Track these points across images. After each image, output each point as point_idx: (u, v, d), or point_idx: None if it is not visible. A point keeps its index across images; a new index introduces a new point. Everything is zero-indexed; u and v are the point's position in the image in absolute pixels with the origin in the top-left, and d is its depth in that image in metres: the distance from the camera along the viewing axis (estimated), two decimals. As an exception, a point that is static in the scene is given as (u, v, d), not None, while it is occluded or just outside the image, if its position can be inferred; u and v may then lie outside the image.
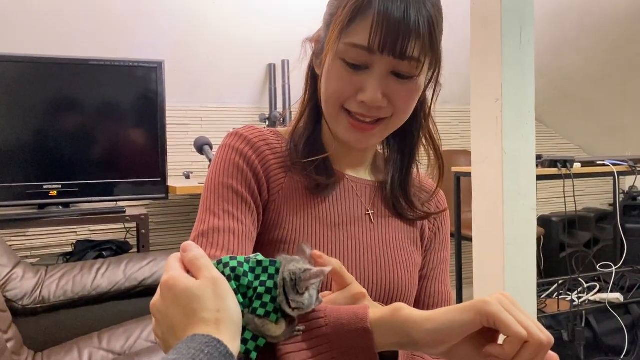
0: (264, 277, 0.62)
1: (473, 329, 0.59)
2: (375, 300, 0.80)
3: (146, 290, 1.98)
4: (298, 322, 0.63)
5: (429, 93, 0.84)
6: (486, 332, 0.60)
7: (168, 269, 0.60)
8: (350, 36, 0.74)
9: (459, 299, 2.84)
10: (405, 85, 0.77)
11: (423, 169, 0.92)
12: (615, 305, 2.49)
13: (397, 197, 0.88)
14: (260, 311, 0.61)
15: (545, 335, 0.57)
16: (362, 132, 0.79)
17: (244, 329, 0.60)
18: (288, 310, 0.61)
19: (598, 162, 2.57)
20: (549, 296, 2.64)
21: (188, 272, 0.60)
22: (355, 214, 0.85)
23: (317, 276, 0.62)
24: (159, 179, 2.43)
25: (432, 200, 0.92)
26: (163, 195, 2.45)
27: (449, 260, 0.96)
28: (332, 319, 0.63)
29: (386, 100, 0.77)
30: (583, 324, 2.43)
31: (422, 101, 0.85)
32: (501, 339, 0.60)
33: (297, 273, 0.62)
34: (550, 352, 0.59)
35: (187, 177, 2.79)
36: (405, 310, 0.62)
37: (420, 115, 0.87)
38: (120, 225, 2.69)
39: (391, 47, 0.72)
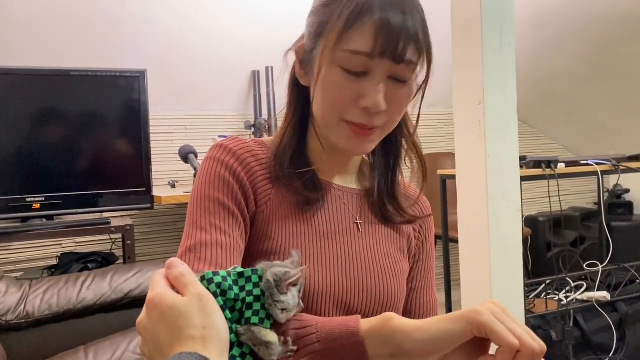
0: (249, 287, 0.63)
1: (465, 339, 0.59)
2: (364, 308, 0.81)
3: (132, 302, 1.96)
4: (292, 341, 0.64)
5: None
6: (477, 341, 0.60)
7: (153, 286, 0.59)
8: (349, 43, 0.73)
9: (448, 302, 2.84)
10: (401, 89, 0.77)
11: (407, 176, 0.92)
12: (603, 304, 2.50)
13: (384, 202, 0.89)
14: (255, 319, 0.61)
15: (537, 344, 0.58)
16: (363, 137, 0.78)
17: (232, 345, 0.60)
18: (277, 313, 0.62)
19: (582, 162, 2.58)
20: (537, 296, 2.65)
21: (174, 288, 0.59)
22: (344, 223, 0.85)
23: (296, 275, 0.64)
24: (144, 189, 2.41)
25: (416, 206, 0.94)
26: (148, 205, 2.43)
27: (435, 267, 0.97)
28: (324, 334, 0.63)
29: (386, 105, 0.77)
30: (571, 323, 2.44)
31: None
32: (493, 347, 0.60)
33: (278, 274, 0.63)
34: None
35: (173, 186, 2.78)
36: (396, 320, 0.62)
37: (405, 119, 0.87)
38: (106, 237, 2.66)
39: (392, 52, 0.73)
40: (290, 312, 0.64)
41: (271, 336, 0.62)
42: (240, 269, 0.65)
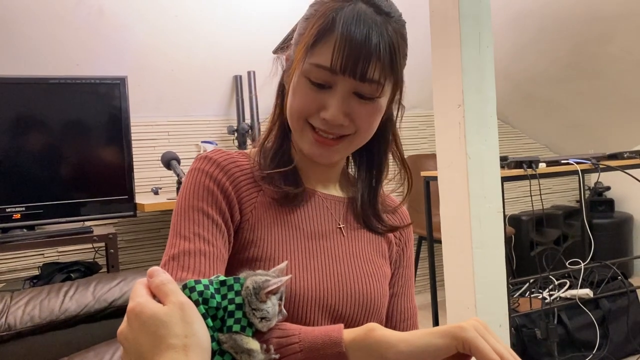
0: (231, 295, 0.63)
1: (448, 354, 0.61)
2: (349, 312, 0.82)
3: (117, 311, 1.93)
4: (275, 349, 0.64)
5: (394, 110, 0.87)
6: (456, 356, 0.62)
7: (134, 295, 0.59)
8: (315, 56, 0.76)
9: (434, 303, 2.85)
10: (367, 105, 0.79)
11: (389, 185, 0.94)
12: (586, 301, 2.53)
13: (367, 213, 0.91)
14: (236, 327, 0.61)
15: None
16: (325, 147, 0.81)
17: (214, 354, 0.60)
18: (255, 321, 0.62)
19: (562, 162, 2.61)
20: (522, 295, 2.67)
21: (155, 297, 0.59)
22: (328, 228, 0.86)
23: (276, 284, 0.64)
24: (127, 197, 2.39)
25: (396, 215, 0.96)
26: (131, 213, 2.41)
27: (413, 274, 0.99)
28: (307, 344, 0.64)
29: (348, 119, 0.78)
30: (555, 321, 2.46)
31: (388, 119, 0.87)
32: None
33: (258, 282, 0.63)
34: None
35: (156, 193, 2.76)
36: (379, 330, 0.63)
37: (387, 134, 0.89)
38: (89, 246, 2.64)
39: (352, 69, 0.74)
40: (270, 321, 0.64)
41: (253, 344, 0.62)
42: (222, 277, 0.65)
